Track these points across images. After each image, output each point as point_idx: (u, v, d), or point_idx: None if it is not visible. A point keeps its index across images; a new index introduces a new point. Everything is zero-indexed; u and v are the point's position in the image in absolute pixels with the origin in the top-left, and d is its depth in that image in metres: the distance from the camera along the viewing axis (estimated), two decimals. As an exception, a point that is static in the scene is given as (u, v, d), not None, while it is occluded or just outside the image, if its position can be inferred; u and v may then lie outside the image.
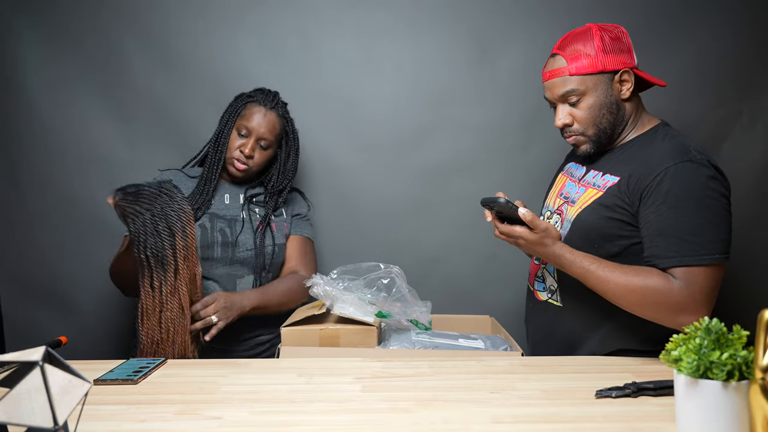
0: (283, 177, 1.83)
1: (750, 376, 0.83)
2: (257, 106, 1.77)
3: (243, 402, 1.09)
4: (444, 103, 2.09)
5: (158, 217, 1.43)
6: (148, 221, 1.43)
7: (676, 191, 1.27)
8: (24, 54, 2.03)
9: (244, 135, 1.76)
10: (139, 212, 1.43)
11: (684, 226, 1.26)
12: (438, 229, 2.11)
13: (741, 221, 2.02)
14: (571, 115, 1.42)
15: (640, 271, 1.28)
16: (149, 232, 1.43)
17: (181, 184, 1.81)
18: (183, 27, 2.05)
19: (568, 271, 1.34)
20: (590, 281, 1.31)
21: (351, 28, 2.09)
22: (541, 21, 2.05)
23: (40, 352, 0.70)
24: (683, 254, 1.25)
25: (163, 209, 1.44)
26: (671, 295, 1.25)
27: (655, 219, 1.29)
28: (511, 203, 1.31)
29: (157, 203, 1.44)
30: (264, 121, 1.76)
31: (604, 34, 1.40)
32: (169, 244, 1.44)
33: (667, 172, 1.28)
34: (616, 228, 1.35)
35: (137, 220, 1.43)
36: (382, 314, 1.55)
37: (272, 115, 1.77)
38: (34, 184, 2.07)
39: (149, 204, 1.44)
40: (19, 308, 2.10)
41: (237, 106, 1.79)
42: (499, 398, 1.10)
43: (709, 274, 1.25)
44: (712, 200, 1.27)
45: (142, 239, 1.42)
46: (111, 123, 2.07)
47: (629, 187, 1.34)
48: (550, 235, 1.32)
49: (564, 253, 1.32)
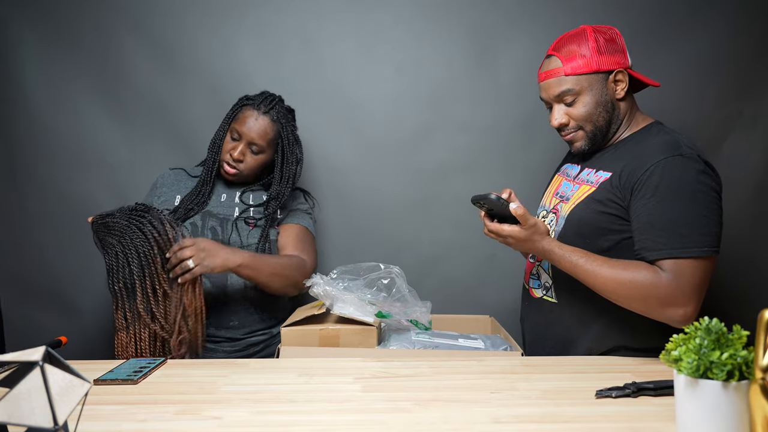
0: (280, 185, 1.79)
1: (750, 376, 0.83)
2: (251, 110, 1.75)
3: (243, 402, 1.09)
4: (444, 103, 2.09)
5: (129, 249, 1.43)
6: (120, 253, 1.44)
7: (665, 184, 1.28)
8: (24, 54, 2.03)
9: (235, 138, 1.75)
10: (111, 244, 1.44)
11: (673, 218, 1.27)
12: (438, 229, 2.11)
13: (741, 221, 2.04)
14: (567, 114, 1.44)
15: (629, 264, 1.29)
16: (121, 264, 1.43)
17: (181, 183, 1.81)
18: (183, 27, 2.05)
19: (558, 265, 1.36)
20: (579, 275, 1.32)
21: (351, 28, 2.09)
22: (540, 21, 2.05)
23: (40, 352, 0.70)
24: (672, 246, 1.26)
25: (132, 240, 1.44)
26: (659, 287, 1.25)
27: (644, 212, 1.30)
28: (502, 199, 1.32)
29: (126, 235, 1.44)
30: (255, 126, 1.73)
31: (598, 35, 1.42)
32: (137, 276, 1.43)
33: (658, 166, 1.30)
34: (609, 222, 1.37)
35: (110, 252, 1.44)
36: (382, 314, 1.55)
37: (264, 120, 1.75)
38: (34, 184, 2.07)
39: (119, 235, 1.44)
40: (19, 308, 2.10)
41: (235, 108, 1.79)
42: (499, 398, 1.10)
43: (697, 267, 1.26)
44: (702, 194, 1.28)
45: (114, 271, 1.43)
46: (111, 123, 2.07)
47: (621, 182, 1.35)
48: (538, 231, 1.34)
49: (553, 248, 1.34)
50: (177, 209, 1.73)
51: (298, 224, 1.81)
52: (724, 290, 2.05)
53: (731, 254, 2.03)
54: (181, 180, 1.82)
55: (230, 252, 1.55)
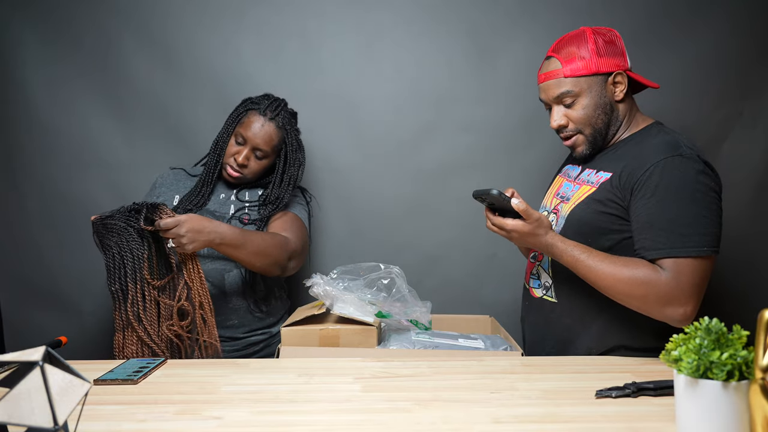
0: (280, 188, 1.78)
1: (750, 376, 0.83)
2: (257, 116, 1.74)
3: (243, 402, 1.09)
4: (444, 103, 2.09)
5: (125, 251, 1.44)
6: (117, 255, 1.44)
7: (665, 184, 1.29)
8: (24, 54, 2.03)
9: (240, 143, 1.74)
10: (109, 246, 1.45)
11: (673, 218, 1.27)
12: (438, 229, 2.11)
13: (741, 221, 2.04)
14: (567, 116, 1.44)
15: (629, 261, 1.30)
16: (117, 265, 1.44)
17: (180, 183, 1.80)
18: (183, 27, 2.05)
19: (560, 260, 1.36)
20: (580, 270, 1.33)
21: (351, 28, 2.09)
22: (541, 21, 2.05)
23: (40, 352, 0.70)
24: (672, 245, 1.26)
25: (128, 243, 1.44)
26: (659, 285, 1.25)
27: (644, 211, 1.31)
28: (504, 194, 1.32)
29: (123, 236, 1.44)
30: (261, 132, 1.73)
31: (597, 37, 1.42)
32: (130, 279, 1.44)
33: (657, 166, 1.30)
34: (609, 222, 1.37)
35: (108, 253, 1.45)
36: (382, 314, 1.55)
37: (270, 126, 1.74)
38: (34, 184, 2.07)
39: (117, 236, 1.45)
40: (19, 308, 2.10)
41: (240, 111, 1.78)
42: (499, 398, 1.10)
43: (697, 267, 1.26)
44: (701, 194, 1.28)
45: (111, 272, 1.44)
46: (111, 123, 2.07)
47: (621, 182, 1.36)
48: (542, 225, 1.34)
49: (556, 242, 1.35)
50: (176, 209, 1.73)
51: (289, 212, 1.80)
52: (724, 290, 2.06)
53: (731, 254, 2.03)
54: (181, 180, 1.82)
55: (214, 228, 1.51)
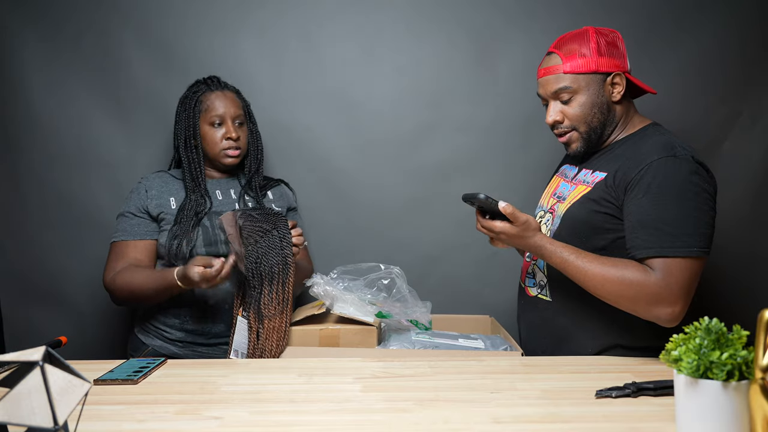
0: (256, 152, 1.84)
1: (750, 376, 0.83)
2: (213, 93, 1.78)
3: (243, 402, 1.09)
4: (443, 103, 2.09)
5: (261, 252, 1.51)
6: (253, 252, 1.49)
7: (657, 184, 1.29)
8: (24, 54, 2.03)
9: (219, 123, 1.76)
10: (267, 230, 1.51)
11: (664, 217, 1.28)
12: (438, 229, 2.11)
13: (741, 221, 2.04)
14: (563, 112, 1.44)
15: (618, 262, 1.30)
16: (250, 261, 1.49)
17: (169, 185, 1.78)
18: (183, 27, 2.05)
19: (549, 261, 1.37)
20: (569, 271, 1.33)
21: (351, 28, 2.09)
22: (540, 22, 2.05)
23: (40, 352, 0.70)
24: (661, 245, 1.27)
25: (266, 249, 1.52)
26: (648, 285, 1.26)
27: (636, 211, 1.31)
28: (491, 198, 1.33)
29: (261, 241, 1.52)
30: (227, 101, 1.78)
31: (600, 37, 1.42)
32: (276, 262, 1.52)
33: (651, 166, 1.31)
34: (603, 221, 1.38)
35: (263, 238, 1.50)
36: (382, 314, 1.56)
37: (230, 94, 1.80)
38: (34, 184, 2.07)
39: (259, 235, 1.51)
40: (19, 308, 2.09)
41: (192, 104, 1.77)
42: (499, 398, 1.10)
43: (686, 267, 1.26)
44: (693, 194, 1.29)
45: (260, 257, 1.50)
46: (111, 123, 2.06)
47: (615, 182, 1.36)
48: (530, 227, 1.35)
49: (544, 244, 1.36)
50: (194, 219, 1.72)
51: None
52: (724, 290, 2.05)
53: (731, 254, 2.03)
54: (168, 182, 1.80)
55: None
